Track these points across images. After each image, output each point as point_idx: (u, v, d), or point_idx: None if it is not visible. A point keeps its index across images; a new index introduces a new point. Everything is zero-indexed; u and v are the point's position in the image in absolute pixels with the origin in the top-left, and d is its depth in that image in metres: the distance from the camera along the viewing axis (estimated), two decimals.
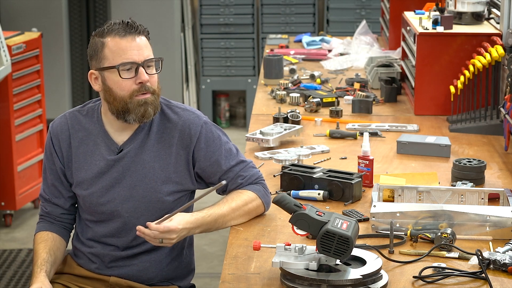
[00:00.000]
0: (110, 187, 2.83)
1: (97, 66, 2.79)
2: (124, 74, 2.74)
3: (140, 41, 2.76)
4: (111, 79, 2.76)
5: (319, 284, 2.33)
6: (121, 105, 2.77)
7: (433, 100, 4.10)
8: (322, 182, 3.05)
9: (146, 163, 2.83)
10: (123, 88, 2.75)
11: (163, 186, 2.82)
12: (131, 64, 2.74)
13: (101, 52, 2.76)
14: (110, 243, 2.87)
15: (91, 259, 2.89)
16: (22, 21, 7.23)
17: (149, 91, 2.77)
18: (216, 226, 2.80)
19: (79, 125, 2.87)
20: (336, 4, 7.61)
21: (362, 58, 5.16)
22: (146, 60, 2.76)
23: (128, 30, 2.75)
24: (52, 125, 2.91)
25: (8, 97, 5.35)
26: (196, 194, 2.90)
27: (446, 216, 2.70)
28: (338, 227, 2.36)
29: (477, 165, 3.18)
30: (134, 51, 2.74)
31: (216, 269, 5.02)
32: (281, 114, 3.90)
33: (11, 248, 5.27)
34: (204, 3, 7.68)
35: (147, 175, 2.82)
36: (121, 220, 2.85)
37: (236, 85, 7.83)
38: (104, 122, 2.86)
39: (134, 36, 2.75)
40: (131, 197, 2.83)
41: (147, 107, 2.76)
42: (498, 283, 2.41)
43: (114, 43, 2.74)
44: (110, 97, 2.78)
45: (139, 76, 2.75)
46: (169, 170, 2.83)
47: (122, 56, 2.74)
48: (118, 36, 2.74)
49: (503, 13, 3.90)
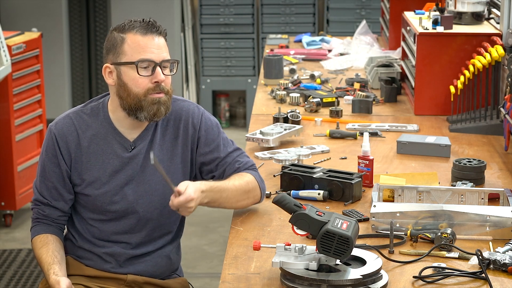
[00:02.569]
0: (125, 185, 2.84)
1: (114, 61, 2.79)
2: (141, 71, 2.76)
3: (159, 41, 2.79)
4: (128, 75, 2.77)
5: (319, 284, 2.34)
6: (134, 102, 2.78)
7: (433, 100, 4.10)
8: (322, 182, 3.05)
9: (157, 157, 2.84)
10: (139, 85, 2.77)
11: (172, 177, 2.84)
12: (149, 62, 2.76)
13: (120, 47, 2.77)
14: (122, 240, 2.88)
15: (105, 259, 2.88)
16: (22, 21, 7.23)
17: (163, 91, 2.80)
18: (220, 201, 2.83)
19: (86, 125, 2.85)
20: (336, 4, 7.61)
21: (362, 58, 5.16)
22: (163, 61, 2.78)
23: (149, 29, 2.77)
24: (55, 126, 2.86)
25: (8, 97, 5.35)
26: None
27: (446, 216, 2.70)
28: (338, 227, 2.36)
29: (477, 165, 3.18)
30: (154, 50, 2.77)
31: (216, 269, 5.02)
32: (281, 114, 3.90)
33: (11, 248, 5.27)
34: (204, 3, 7.68)
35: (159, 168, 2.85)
36: (135, 216, 2.86)
37: (236, 85, 7.83)
38: (113, 120, 2.85)
39: (154, 36, 2.78)
40: (146, 193, 2.85)
41: (160, 107, 2.79)
42: (498, 283, 2.41)
43: (134, 40, 2.76)
44: (124, 93, 2.79)
45: (156, 75, 2.77)
46: (177, 161, 2.88)
47: (141, 53, 2.76)
48: (139, 34, 2.76)
49: (503, 13, 3.90)
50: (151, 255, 2.90)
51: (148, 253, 2.90)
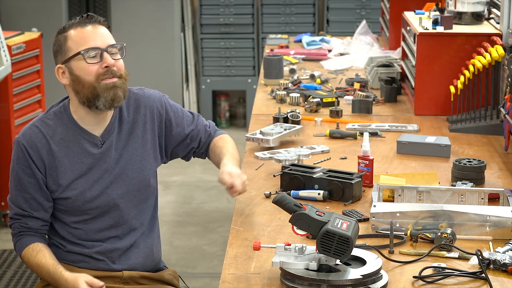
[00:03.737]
0: (99, 179, 2.86)
1: (62, 60, 2.83)
2: (89, 60, 2.79)
3: (101, 30, 2.83)
4: (78, 67, 2.80)
5: (319, 284, 2.34)
6: (89, 91, 2.79)
7: (433, 100, 4.10)
8: (322, 182, 3.05)
9: (128, 146, 2.90)
10: (90, 73, 2.79)
11: (146, 164, 2.92)
12: (95, 50, 2.79)
13: (65, 45, 2.81)
14: (109, 235, 2.89)
15: (98, 258, 2.89)
16: (22, 21, 7.23)
17: (116, 75, 2.82)
18: (237, 165, 2.98)
19: (52, 130, 2.85)
20: (336, 4, 7.61)
21: (362, 58, 5.16)
22: (109, 46, 2.82)
23: (88, 21, 2.82)
24: (22, 137, 2.83)
25: (8, 97, 5.35)
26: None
27: (446, 216, 2.70)
28: (338, 227, 2.36)
29: (477, 165, 3.18)
30: (97, 38, 2.81)
31: (216, 269, 5.01)
32: (281, 114, 3.90)
33: (11, 248, 5.27)
34: (204, 3, 7.68)
35: (131, 157, 2.90)
36: (116, 208, 2.88)
37: (236, 85, 7.83)
38: (77, 120, 2.87)
39: (95, 25, 2.82)
40: (122, 182, 2.88)
41: (116, 91, 2.80)
42: (498, 283, 2.41)
43: (76, 33, 2.80)
44: (78, 85, 2.81)
45: (104, 60, 2.80)
46: (148, 147, 2.93)
47: (85, 44, 2.79)
48: (79, 27, 2.81)
49: (503, 13, 3.90)
50: (139, 247, 2.93)
51: (136, 244, 2.92)
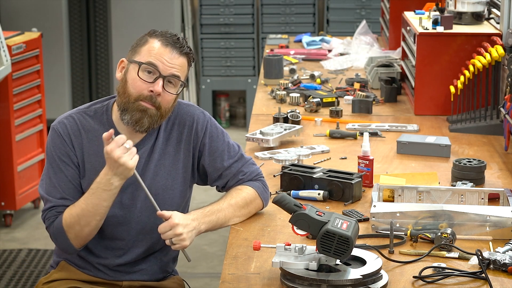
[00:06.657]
0: (124, 189, 2.76)
1: (129, 57, 2.78)
2: (142, 74, 2.72)
3: (177, 59, 2.74)
4: (131, 73, 2.74)
5: (319, 284, 2.33)
6: (124, 101, 2.73)
7: (433, 100, 4.10)
8: (322, 182, 3.05)
9: (157, 161, 2.82)
10: (136, 87, 2.72)
11: (173, 183, 2.83)
12: (154, 70, 2.72)
13: (140, 47, 2.75)
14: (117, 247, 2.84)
15: (100, 269, 2.86)
16: (22, 21, 7.23)
17: (155, 105, 2.73)
18: (220, 222, 2.80)
19: (89, 126, 2.80)
20: (336, 4, 7.61)
21: (362, 58, 5.16)
22: (169, 75, 2.73)
23: (172, 43, 2.73)
24: (58, 126, 2.78)
25: (8, 97, 5.35)
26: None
27: (446, 216, 2.70)
28: (338, 227, 2.36)
29: (477, 165, 3.18)
30: (165, 62, 2.72)
31: (216, 269, 5.02)
32: (281, 114, 3.90)
33: (11, 248, 5.27)
34: (204, 3, 7.68)
35: (158, 173, 2.81)
36: (131, 220, 2.81)
37: (236, 85, 7.83)
38: (115, 123, 2.81)
39: (174, 50, 2.73)
40: (144, 198, 2.78)
41: (144, 116, 2.72)
42: (498, 283, 2.41)
43: (155, 45, 2.73)
44: (121, 89, 2.76)
45: (154, 85, 2.71)
46: (178, 166, 2.84)
47: (151, 57, 2.72)
48: (161, 42, 2.73)
49: (503, 13, 3.90)
50: (147, 263, 2.88)
51: (144, 261, 2.87)
